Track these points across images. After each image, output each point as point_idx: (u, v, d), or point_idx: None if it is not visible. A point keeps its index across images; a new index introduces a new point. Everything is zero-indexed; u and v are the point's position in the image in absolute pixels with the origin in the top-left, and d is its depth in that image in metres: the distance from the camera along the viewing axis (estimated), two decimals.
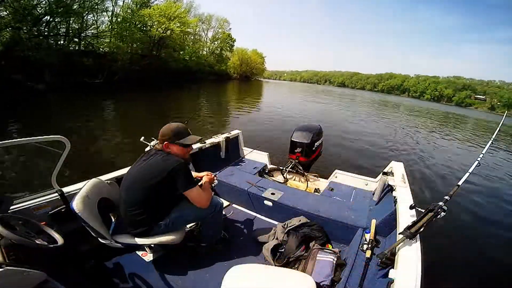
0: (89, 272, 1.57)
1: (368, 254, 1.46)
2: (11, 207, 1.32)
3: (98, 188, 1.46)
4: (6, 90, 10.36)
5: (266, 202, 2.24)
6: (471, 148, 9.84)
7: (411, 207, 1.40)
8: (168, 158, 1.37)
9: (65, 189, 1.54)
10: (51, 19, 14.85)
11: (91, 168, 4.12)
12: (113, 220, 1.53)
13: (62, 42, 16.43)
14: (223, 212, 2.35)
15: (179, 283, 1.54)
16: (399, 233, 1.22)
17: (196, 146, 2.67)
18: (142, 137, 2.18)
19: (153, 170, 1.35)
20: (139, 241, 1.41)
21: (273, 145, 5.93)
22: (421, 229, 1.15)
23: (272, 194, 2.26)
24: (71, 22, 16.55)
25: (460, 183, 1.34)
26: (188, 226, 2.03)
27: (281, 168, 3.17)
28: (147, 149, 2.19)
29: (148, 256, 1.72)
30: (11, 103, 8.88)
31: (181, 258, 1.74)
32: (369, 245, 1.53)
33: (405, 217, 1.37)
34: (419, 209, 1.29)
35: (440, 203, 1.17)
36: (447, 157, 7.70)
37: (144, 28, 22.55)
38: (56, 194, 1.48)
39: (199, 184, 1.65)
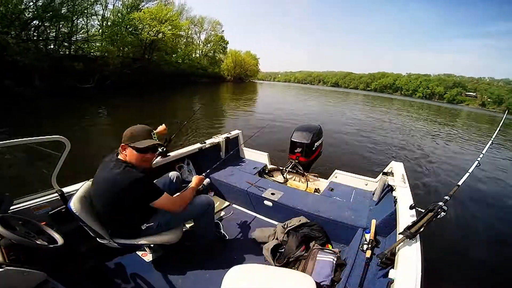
0: (89, 272, 1.57)
1: (368, 254, 1.46)
2: (11, 207, 1.31)
3: None
4: None
5: (266, 202, 2.24)
6: (471, 148, 9.83)
7: (411, 207, 1.40)
8: (126, 173, 1.24)
9: (65, 189, 1.54)
10: (39, 24, 14.56)
11: (87, 170, 4.10)
12: None
13: (52, 46, 16.10)
14: (223, 212, 2.37)
15: (179, 283, 1.54)
16: (399, 233, 1.22)
17: (196, 146, 2.67)
18: None
19: (111, 184, 1.24)
20: (137, 241, 1.41)
21: (273, 145, 5.94)
22: (421, 229, 1.15)
23: (272, 194, 2.26)
24: (60, 26, 16.28)
25: (460, 183, 1.34)
26: (188, 226, 2.03)
27: (281, 168, 3.17)
28: None
29: (148, 256, 1.73)
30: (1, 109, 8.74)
31: (181, 258, 1.74)
32: (369, 245, 1.53)
33: (405, 217, 1.37)
34: (419, 209, 1.29)
35: (440, 203, 1.17)
36: (447, 157, 7.70)
37: (135, 32, 22.38)
38: (56, 194, 1.48)
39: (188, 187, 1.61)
